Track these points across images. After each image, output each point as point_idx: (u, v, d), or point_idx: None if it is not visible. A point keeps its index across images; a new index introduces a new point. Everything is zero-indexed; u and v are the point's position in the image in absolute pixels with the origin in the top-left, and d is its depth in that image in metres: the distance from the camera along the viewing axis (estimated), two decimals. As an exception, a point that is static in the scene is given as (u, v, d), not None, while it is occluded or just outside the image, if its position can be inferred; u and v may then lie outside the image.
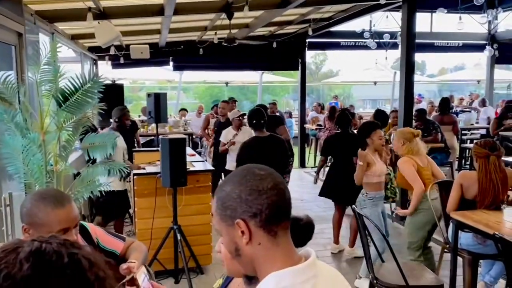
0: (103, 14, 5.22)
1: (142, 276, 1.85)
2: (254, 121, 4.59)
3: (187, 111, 12.34)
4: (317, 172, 5.79)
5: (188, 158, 4.63)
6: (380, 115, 6.84)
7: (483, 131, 9.73)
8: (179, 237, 4.16)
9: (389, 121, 8.01)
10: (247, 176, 1.07)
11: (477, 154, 3.50)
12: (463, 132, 9.83)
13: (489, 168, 3.40)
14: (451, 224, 3.60)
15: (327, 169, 5.63)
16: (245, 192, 1.05)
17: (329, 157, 5.74)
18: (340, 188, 4.89)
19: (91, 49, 8.35)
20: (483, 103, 10.88)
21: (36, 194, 1.75)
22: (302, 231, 1.24)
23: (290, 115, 13.98)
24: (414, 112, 6.72)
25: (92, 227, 2.13)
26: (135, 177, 4.52)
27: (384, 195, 4.35)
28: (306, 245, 1.21)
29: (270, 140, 4.59)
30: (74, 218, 1.73)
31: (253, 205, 1.04)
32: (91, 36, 5.89)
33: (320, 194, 5.16)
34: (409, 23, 5.91)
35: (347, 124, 5.11)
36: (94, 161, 3.56)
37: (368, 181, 4.12)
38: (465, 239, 3.51)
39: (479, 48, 10.81)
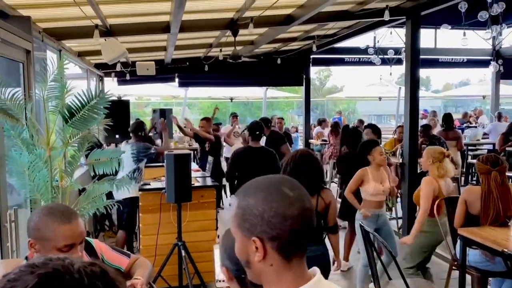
0: (109, 32, 5.29)
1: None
2: (257, 132, 4.89)
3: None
4: (340, 187, 5.91)
5: (193, 174, 4.64)
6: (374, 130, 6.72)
7: (490, 147, 9.67)
8: (183, 254, 4.13)
9: (395, 136, 8.00)
10: (274, 195, 1.01)
11: (479, 170, 3.49)
12: (470, 148, 9.77)
13: (490, 184, 3.38)
14: (458, 241, 3.56)
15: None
16: (269, 213, 1.00)
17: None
18: (354, 208, 4.88)
19: (98, 66, 8.44)
20: (499, 118, 10.60)
21: (44, 209, 1.76)
22: None
23: (296, 130, 14.01)
24: (419, 128, 6.72)
25: (97, 243, 2.13)
26: (140, 192, 4.51)
27: (379, 214, 4.29)
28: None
29: (262, 152, 4.89)
30: (80, 234, 1.73)
31: (275, 228, 1.00)
32: (98, 53, 5.95)
33: (338, 216, 5.22)
34: (413, 39, 5.94)
35: (358, 143, 5.10)
36: (100, 177, 3.56)
37: (364, 198, 4.20)
38: (473, 256, 3.47)
39: (484, 63, 10.81)
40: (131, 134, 5.32)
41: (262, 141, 5.44)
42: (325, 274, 4.23)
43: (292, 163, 3.07)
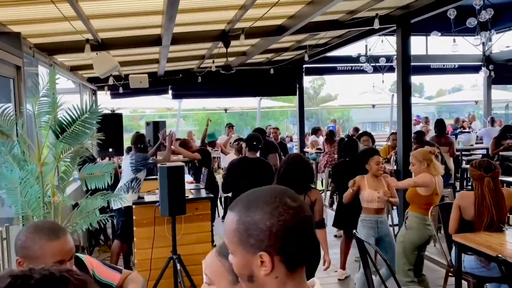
0: (101, 45, 5.30)
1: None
2: (255, 143, 4.91)
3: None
4: (331, 196, 5.90)
5: (187, 186, 4.62)
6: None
7: (484, 151, 9.71)
8: (178, 267, 4.10)
9: (389, 143, 8.02)
10: (280, 208, 1.00)
11: (472, 176, 3.50)
12: (464, 153, 9.81)
13: (484, 189, 3.39)
14: (454, 247, 3.56)
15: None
16: (277, 227, 0.99)
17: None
18: (350, 217, 4.87)
19: (90, 80, 8.44)
20: (492, 123, 10.65)
21: (30, 227, 1.73)
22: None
23: (291, 139, 14.03)
24: (413, 135, 6.74)
25: (88, 259, 2.11)
26: (133, 206, 4.49)
27: (379, 220, 4.30)
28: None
29: (258, 163, 4.90)
30: (69, 251, 1.71)
31: (285, 242, 0.99)
32: (90, 67, 5.95)
33: (334, 225, 5.23)
34: (404, 47, 5.99)
35: (355, 151, 5.13)
36: (92, 191, 3.55)
37: (362, 205, 4.25)
38: (469, 262, 3.46)
39: (475, 69, 10.90)
40: (132, 146, 5.45)
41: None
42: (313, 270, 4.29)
43: (285, 165, 3.53)
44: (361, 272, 4.13)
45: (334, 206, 5.63)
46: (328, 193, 9.03)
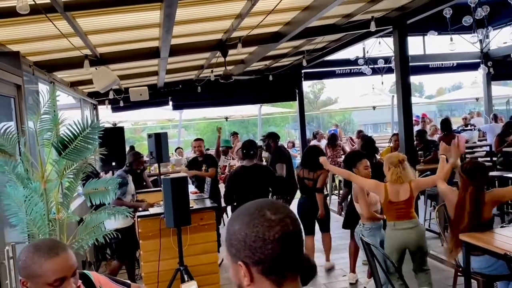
0: (100, 60, 5.33)
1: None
2: (245, 151, 5.01)
3: (182, 149, 12.34)
4: (340, 203, 5.87)
5: (191, 196, 4.62)
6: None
7: (487, 148, 9.68)
8: (186, 278, 4.09)
9: (391, 144, 8.01)
10: (256, 220, 1.01)
11: (460, 177, 3.51)
12: (466, 150, 9.77)
13: (465, 197, 3.41)
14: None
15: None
16: (250, 238, 1.00)
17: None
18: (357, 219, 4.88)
19: (91, 95, 8.47)
20: (495, 119, 10.61)
21: (30, 246, 1.73)
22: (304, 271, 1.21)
23: (293, 145, 14.02)
24: (415, 133, 6.75)
25: (95, 276, 2.10)
26: (138, 219, 4.48)
27: (382, 224, 4.27)
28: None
29: (256, 169, 4.98)
30: (71, 267, 1.69)
31: (256, 253, 0.99)
32: (90, 82, 5.98)
33: (344, 227, 5.24)
34: (401, 47, 6.00)
35: (372, 153, 5.11)
36: (97, 206, 3.55)
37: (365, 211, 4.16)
38: (477, 262, 3.44)
39: (474, 66, 10.88)
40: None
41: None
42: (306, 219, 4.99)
43: (304, 153, 5.53)
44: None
45: (343, 213, 5.60)
46: (333, 197, 9.01)
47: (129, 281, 2.28)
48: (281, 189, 5.41)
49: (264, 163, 6.85)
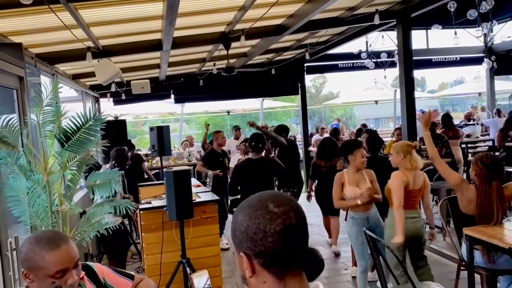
0: (102, 52, 5.30)
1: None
2: (253, 144, 5.00)
3: (193, 138, 12.33)
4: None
5: (194, 189, 4.61)
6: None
7: (490, 143, 9.66)
8: (188, 271, 4.09)
9: (394, 139, 7.99)
10: (258, 212, 0.99)
11: (477, 174, 3.42)
12: (469, 145, 9.76)
13: (491, 193, 3.34)
14: (463, 242, 3.53)
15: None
16: (251, 229, 0.99)
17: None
18: None
19: (93, 87, 8.45)
20: (498, 114, 10.57)
21: (31, 238, 1.72)
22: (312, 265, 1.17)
23: (295, 139, 13.98)
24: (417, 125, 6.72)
25: (98, 267, 2.09)
26: (141, 212, 4.48)
27: (369, 215, 4.16)
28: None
29: (262, 163, 5.00)
30: (72, 259, 1.69)
31: (257, 245, 0.98)
32: (92, 74, 5.96)
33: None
34: (405, 41, 5.97)
35: (377, 148, 5.10)
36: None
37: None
38: (479, 257, 3.43)
39: (477, 61, 10.85)
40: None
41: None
42: None
43: (319, 145, 5.62)
44: (360, 271, 4.12)
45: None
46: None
47: (132, 273, 2.27)
48: (288, 181, 5.40)
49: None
